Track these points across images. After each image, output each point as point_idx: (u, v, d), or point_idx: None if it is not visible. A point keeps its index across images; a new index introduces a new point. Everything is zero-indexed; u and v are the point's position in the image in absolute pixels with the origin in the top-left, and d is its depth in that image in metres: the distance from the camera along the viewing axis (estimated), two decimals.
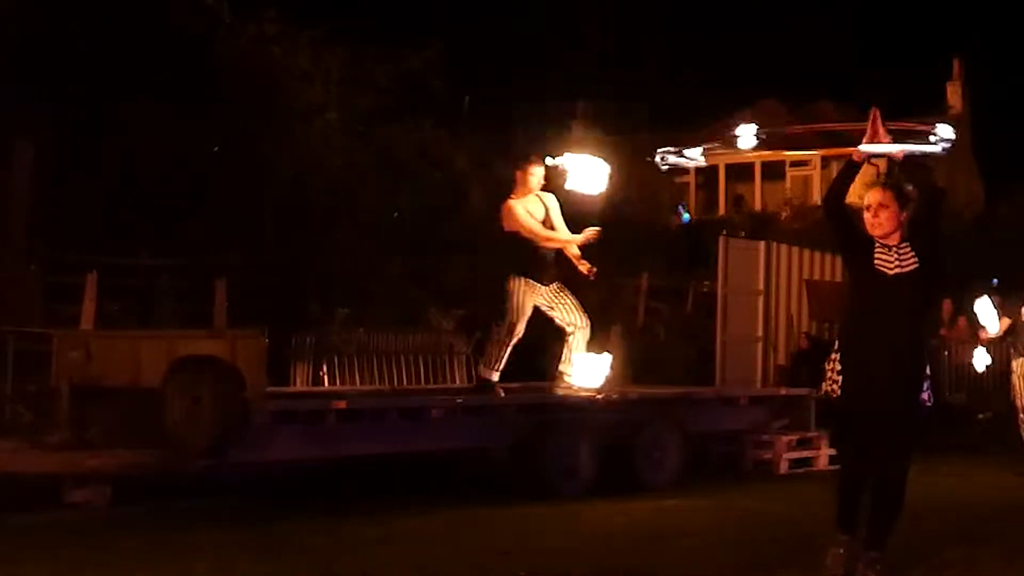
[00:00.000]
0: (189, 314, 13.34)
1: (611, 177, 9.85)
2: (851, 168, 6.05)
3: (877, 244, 5.97)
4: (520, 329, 9.64)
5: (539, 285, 9.63)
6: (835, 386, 5.99)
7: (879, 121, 6.05)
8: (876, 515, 5.98)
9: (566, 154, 9.71)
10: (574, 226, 9.82)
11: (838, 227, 6.09)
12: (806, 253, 17.13)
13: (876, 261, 5.94)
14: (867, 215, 6.04)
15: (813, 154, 31.45)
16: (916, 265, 5.93)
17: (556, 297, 9.69)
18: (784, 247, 16.70)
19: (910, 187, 6.01)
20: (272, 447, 8.16)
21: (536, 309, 9.71)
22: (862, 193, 6.26)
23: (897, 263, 5.93)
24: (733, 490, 9.75)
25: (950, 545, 6.46)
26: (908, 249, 5.97)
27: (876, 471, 5.96)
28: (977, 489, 9.92)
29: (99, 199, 13.47)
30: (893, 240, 5.97)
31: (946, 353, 15.44)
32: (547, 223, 9.66)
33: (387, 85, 16.51)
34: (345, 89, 16.28)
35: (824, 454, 11.50)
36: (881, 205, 5.98)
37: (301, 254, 14.96)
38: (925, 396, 5.98)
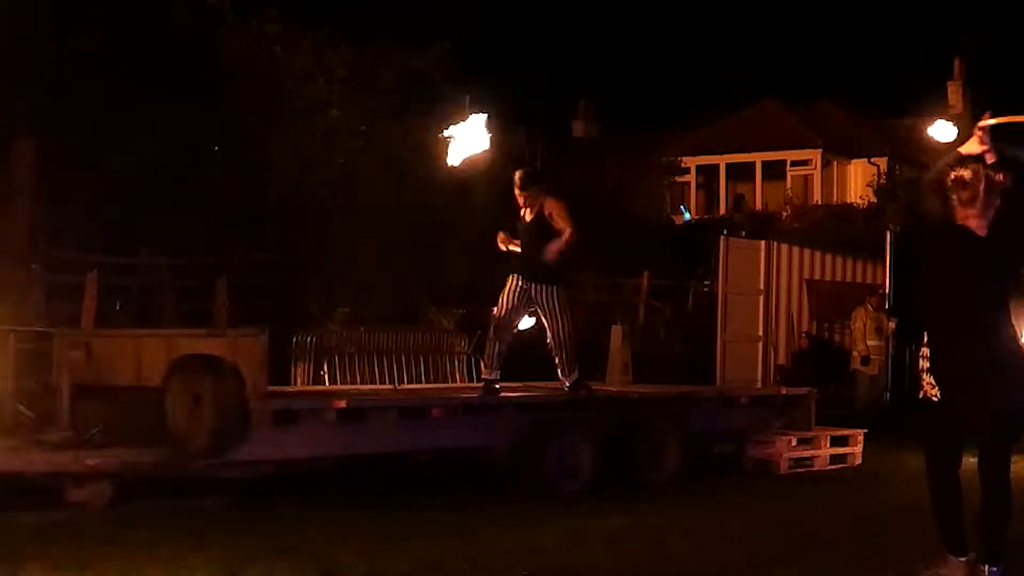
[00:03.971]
0: (190, 313, 13.36)
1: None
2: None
3: None
4: (507, 325, 9.55)
5: (530, 283, 9.57)
6: None
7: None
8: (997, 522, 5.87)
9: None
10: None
11: None
12: (807, 253, 17.17)
13: None
14: None
15: (814, 152, 31.49)
16: None
17: (546, 297, 9.62)
18: (784, 247, 16.74)
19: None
20: (272, 446, 8.15)
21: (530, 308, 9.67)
22: (863, 193, 6.29)
23: None
24: (733, 490, 9.76)
25: None
26: None
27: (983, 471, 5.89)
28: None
29: (100, 198, 13.48)
30: None
31: None
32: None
33: (390, 84, 16.52)
34: (347, 88, 16.28)
35: (824, 454, 11.50)
36: None
37: (302, 253, 14.96)
38: None
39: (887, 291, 16.15)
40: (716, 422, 10.87)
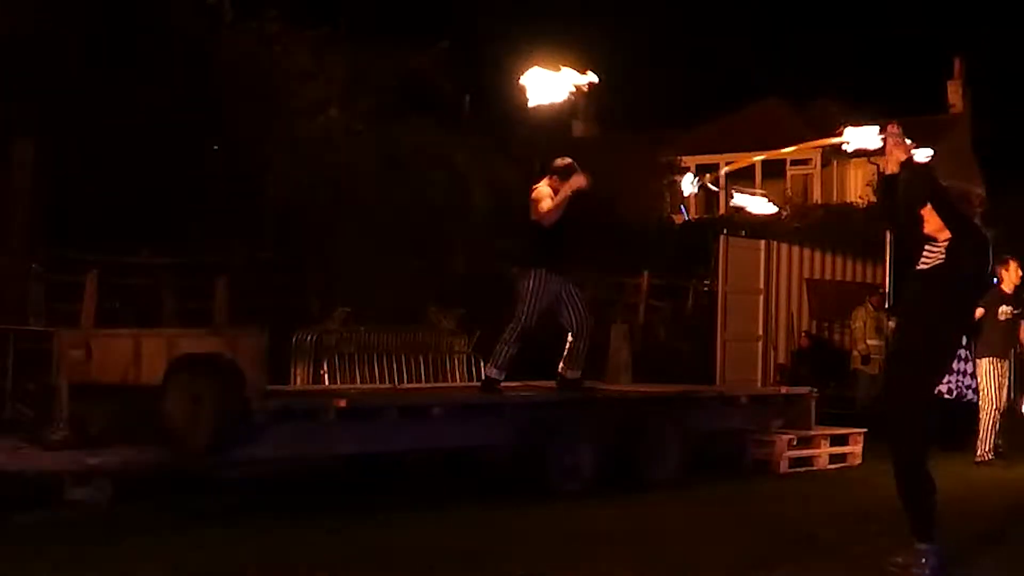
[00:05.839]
0: (190, 312, 13.35)
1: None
2: (888, 181, 6.18)
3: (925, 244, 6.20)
4: (531, 329, 9.58)
5: (565, 278, 9.57)
6: None
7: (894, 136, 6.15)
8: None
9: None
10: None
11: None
12: (806, 252, 17.17)
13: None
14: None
15: (814, 152, 31.47)
16: (940, 261, 6.06)
17: (568, 294, 9.61)
18: (784, 246, 16.74)
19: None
20: (272, 445, 8.16)
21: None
22: (863, 193, 6.34)
23: (923, 260, 6.12)
24: (733, 490, 9.76)
25: (945, 543, 6.46)
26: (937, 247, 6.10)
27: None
28: (972, 487, 9.91)
29: (100, 197, 13.47)
30: (942, 236, 6.11)
31: None
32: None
33: (390, 84, 16.51)
34: (347, 87, 16.28)
35: (824, 453, 11.51)
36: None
37: (302, 253, 14.96)
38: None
39: (887, 291, 16.15)
40: (716, 422, 10.87)
